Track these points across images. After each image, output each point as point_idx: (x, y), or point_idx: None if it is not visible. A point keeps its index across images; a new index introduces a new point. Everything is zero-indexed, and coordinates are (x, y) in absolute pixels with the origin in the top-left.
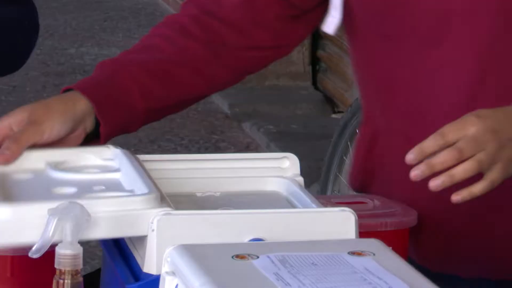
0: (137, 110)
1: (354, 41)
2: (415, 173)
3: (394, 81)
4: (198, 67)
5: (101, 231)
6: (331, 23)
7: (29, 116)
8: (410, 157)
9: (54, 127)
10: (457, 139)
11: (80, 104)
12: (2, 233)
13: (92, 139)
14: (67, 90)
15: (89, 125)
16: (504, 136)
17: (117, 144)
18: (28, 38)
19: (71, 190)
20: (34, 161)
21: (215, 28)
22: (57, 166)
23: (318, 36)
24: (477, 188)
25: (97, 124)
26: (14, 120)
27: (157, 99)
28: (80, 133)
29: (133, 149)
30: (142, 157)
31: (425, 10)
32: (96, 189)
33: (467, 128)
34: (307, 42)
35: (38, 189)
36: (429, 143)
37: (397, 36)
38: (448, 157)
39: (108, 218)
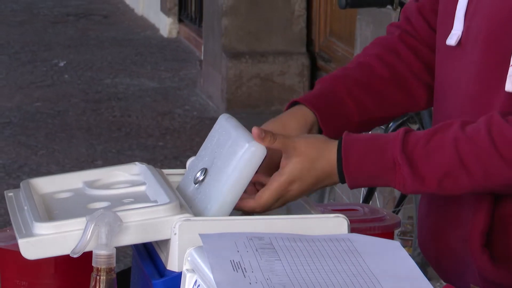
0: (352, 122)
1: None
2: None
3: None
4: (406, 86)
5: (132, 238)
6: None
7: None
8: None
9: None
10: None
11: (309, 117)
12: (47, 246)
13: None
14: (294, 102)
15: (314, 132)
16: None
17: (146, 161)
18: None
19: (105, 204)
20: (73, 181)
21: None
22: (92, 184)
23: (316, 68)
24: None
25: (319, 131)
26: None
27: (369, 114)
28: None
29: (159, 164)
30: (167, 171)
31: None
32: (126, 201)
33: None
34: (307, 73)
35: (77, 206)
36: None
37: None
38: None
39: (137, 226)
